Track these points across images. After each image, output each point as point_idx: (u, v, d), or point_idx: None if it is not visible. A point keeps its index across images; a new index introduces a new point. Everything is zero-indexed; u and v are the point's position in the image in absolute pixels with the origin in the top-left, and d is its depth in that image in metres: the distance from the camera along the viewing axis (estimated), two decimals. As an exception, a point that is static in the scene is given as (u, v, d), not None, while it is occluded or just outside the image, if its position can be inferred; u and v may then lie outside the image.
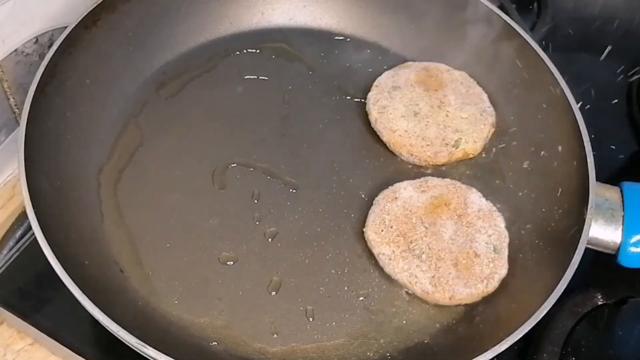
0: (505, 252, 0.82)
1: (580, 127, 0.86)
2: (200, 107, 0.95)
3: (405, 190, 0.86)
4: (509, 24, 0.96)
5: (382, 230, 0.83)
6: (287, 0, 1.04)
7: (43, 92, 0.81)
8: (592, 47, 1.20)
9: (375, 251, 0.82)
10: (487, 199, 0.86)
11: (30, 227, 0.73)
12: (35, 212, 0.72)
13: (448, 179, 0.88)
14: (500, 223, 0.84)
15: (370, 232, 0.83)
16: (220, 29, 1.02)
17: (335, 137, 0.94)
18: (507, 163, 0.93)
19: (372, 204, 0.86)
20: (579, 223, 0.79)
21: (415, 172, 0.91)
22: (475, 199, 0.86)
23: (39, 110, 0.80)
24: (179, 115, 0.93)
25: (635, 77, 1.13)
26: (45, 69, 0.82)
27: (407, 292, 0.81)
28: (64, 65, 0.85)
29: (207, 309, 0.77)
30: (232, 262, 0.82)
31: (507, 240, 0.83)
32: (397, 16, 1.03)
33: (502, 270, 0.81)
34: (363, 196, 0.89)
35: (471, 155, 0.92)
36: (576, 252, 0.76)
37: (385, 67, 1.00)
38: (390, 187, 0.87)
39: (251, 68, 0.99)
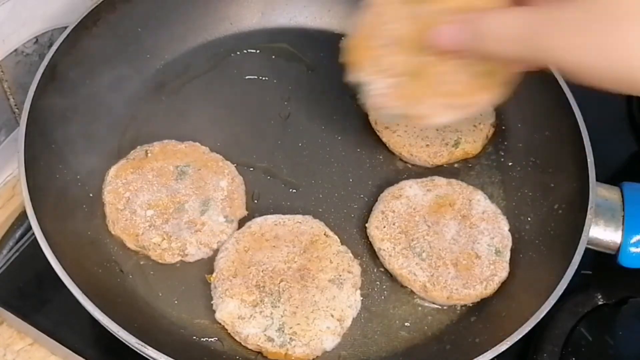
0: (507, 256, 0.82)
1: (580, 127, 0.86)
2: (200, 107, 0.95)
3: (411, 188, 0.86)
4: (509, 24, 0.96)
5: (384, 227, 0.83)
6: (287, 0, 1.04)
7: (43, 92, 0.81)
8: (592, 47, 1.20)
9: (375, 247, 0.83)
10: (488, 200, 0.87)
11: (30, 227, 0.73)
12: (35, 212, 0.72)
13: (454, 179, 0.88)
14: (505, 226, 0.84)
15: (372, 228, 0.83)
16: (220, 29, 1.02)
17: (335, 137, 0.94)
18: (507, 163, 0.93)
19: (372, 204, 0.86)
20: (579, 223, 0.79)
21: (415, 172, 0.91)
22: (481, 200, 0.86)
23: (39, 110, 0.80)
24: (179, 115, 0.93)
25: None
26: (45, 69, 0.82)
27: (407, 292, 0.82)
28: (64, 65, 0.85)
29: (207, 309, 0.77)
30: (232, 262, 0.82)
31: (509, 244, 0.83)
32: (397, 16, 1.03)
33: (503, 273, 0.81)
34: (363, 196, 0.89)
35: (471, 155, 0.92)
36: (576, 252, 0.76)
37: (385, 67, 1.00)
38: (395, 184, 0.87)
39: (251, 68, 0.99)
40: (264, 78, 0.99)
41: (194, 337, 0.76)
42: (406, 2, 0.65)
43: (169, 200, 0.82)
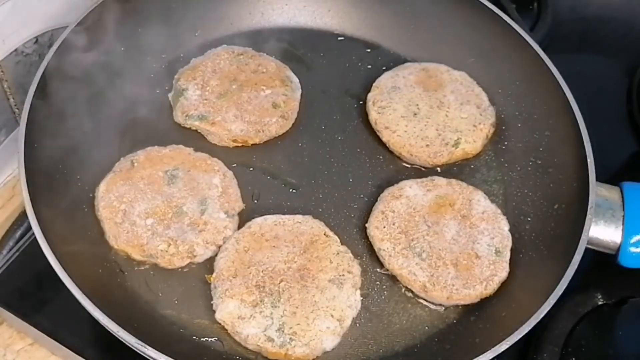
0: (507, 256, 0.82)
1: (580, 127, 0.86)
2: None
3: (411, 188, 0.86)
4: (509, 24, 0.96)
5: (384, 227, 0.83)
6: (287, 0, 1.04)
7: (43, 92, 0.82)
8: (592, 47, 1.20)
9: (376, 247, 0.83)
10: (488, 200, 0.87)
11: (30, 227, 0.73)
12: (35, 212, 0.72)
13: (454, 179, 0.88)
14: (504, 226, 0.84)
15: (372, 228, 0.83)
16: (220, 29, 1.02)
17: (335, 137, 0.94)
18: (507, 163, 0.93)
19: (372, 204, 0.86)
20: (579, 223, 0.79)
21: (415, 172, 0.91)
22: (481, 200, 0.86)
23: (39, 110, 0.80)
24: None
25: (636, 77, 1.13)
26: (45, 69, 0.82)
27: (407, 292, 0.82)
28: (63, 65, 0.85)
29: (207, 309, 0.78)
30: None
31: (509, 244, 0.83)
32: (397, 16, 1.03)
33: (503, 273, 0.81)
34: (363, 196, 0.89)
35: (471, 155, 0.92)
36: (576, 252, 0.76)
37: (385, 68, 1.00)
38: (395, 184, 0.87)
39: (251, 68, 0.99)
40: (264, 78, 0.99)
41: (194, 337, 0.76)
42: None
43: (165, 206, 0.82)
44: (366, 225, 0.84)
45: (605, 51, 1.19)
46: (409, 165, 0.92)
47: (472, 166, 0.93)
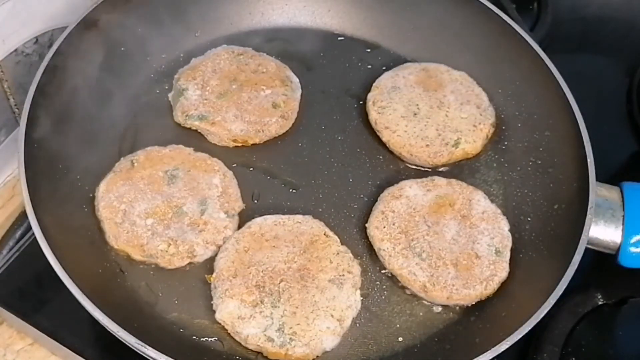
0: (507, 256, 0.82)
1: (580, 127, 0.86)
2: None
3: (411, 188, 0.86)
4: (509, 24, 0.96)
5: (384, 227, 0.83)
6: (287, 0, 1.04)
7: (43, 92, 0.82)
8: (592, 47, 1.20)
9: (375, 247, 0.83)
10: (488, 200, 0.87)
11: (30, 227, 0.73)
12: (35, 212, 0.72)
13: (454, 179, 0.88)
14: (505, 226, 0.84)
15: (372, 228, 0.83)
16: (220, 29, 1.02)
17: (335, 137, 0.94)
18: (507, 163, 0.93)
19: (372, 204, 0.86)
20: (579, 223, 0.79)
21: (415, 172, 0.91)
22: (481, 200, 0.86)
23: (39, 110, 0.80)
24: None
25: (636, 77, 1.13)
26: (45, 69, 0.82)
27: (407, 292, 0.82)
28: (64, 65, 0.85)
29: (207, 309, 0.78)
30: (232, 262, 0.82)
31: (509, 244, 0.83)
32: (397, 16, 1.03)
33: (503, 273, 0.81)
34: (363, 196, 0.89)
35: (471, 155, 0.92)
36: (576, 252, 0.76)
37: (385, 68, 1.00)
38: (395, 184, 0.87)
39: (251, 68, 0.99)
40: (264, 78, 0.99)
41: (194, 337, 0.76)
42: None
43: (165, 206, 0.82)
44: (366, 225, 0.84)
45: (605, 51, 1.19)
46: (409, 165, 0.92)
47: (472, 166, 0.93)
